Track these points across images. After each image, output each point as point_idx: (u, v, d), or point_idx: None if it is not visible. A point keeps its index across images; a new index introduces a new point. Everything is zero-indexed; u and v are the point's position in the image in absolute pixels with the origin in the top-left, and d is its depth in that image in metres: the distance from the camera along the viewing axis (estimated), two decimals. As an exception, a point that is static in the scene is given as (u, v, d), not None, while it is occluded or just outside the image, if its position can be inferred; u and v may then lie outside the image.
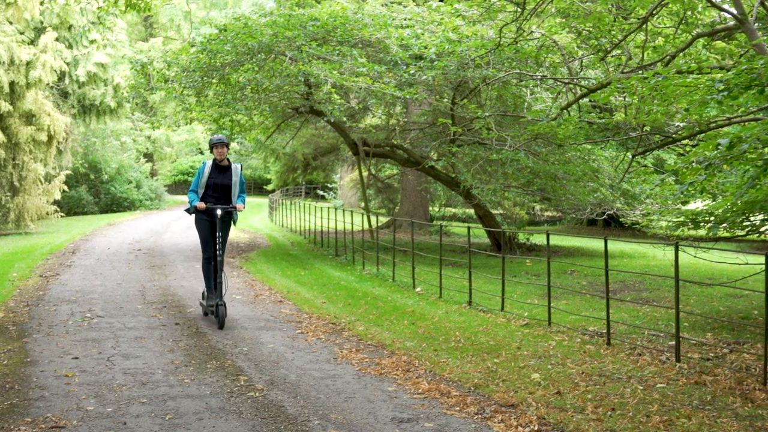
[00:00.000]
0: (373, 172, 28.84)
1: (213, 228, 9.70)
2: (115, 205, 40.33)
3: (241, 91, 18.38)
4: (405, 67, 16.26)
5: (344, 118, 18.70)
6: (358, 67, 15.65)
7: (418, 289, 12.78)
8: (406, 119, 23.51)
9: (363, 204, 24.05)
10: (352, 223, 18.63)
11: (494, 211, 23.60)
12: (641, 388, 6.54)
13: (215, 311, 9.37)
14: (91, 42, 30.69)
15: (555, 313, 9.92)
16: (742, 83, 8.26)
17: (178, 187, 60.82)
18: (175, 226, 28.55)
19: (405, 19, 17.41)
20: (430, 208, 31.97)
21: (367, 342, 8.67)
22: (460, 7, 16.03)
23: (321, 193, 48.49)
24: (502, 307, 10.64)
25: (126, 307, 10.74)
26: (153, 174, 50.02)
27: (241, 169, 9.90)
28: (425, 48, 15.99)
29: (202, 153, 63.41)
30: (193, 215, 9.82)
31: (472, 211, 25.93)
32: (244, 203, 9.85)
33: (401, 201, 29.90)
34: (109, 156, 41.00)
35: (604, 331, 8.61)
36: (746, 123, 12.52)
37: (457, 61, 15.36)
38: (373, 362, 7.62)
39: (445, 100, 18.17)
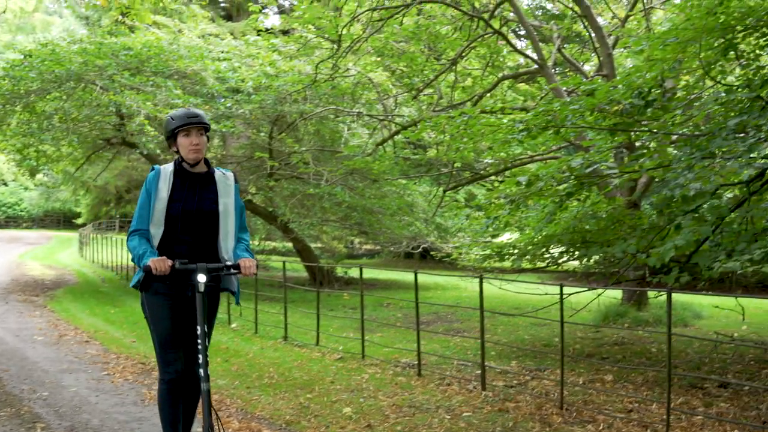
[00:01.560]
0: (191, 205, 28.22)
1: (184, 312, 4.72)
2: None
3: (48, 120, 17.52)
4: (222, 100, 16.13)
5: (158, 151, 18.24)
6: (173, 98, 15.35)
7: (233, 326, 12.56)
8: (224, 152, 23.22)
9: (179, 238, 23.46)
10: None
11: (313, 245, 23.69)
12: (449, 417, 6.73)
13: None
14: None
15: (369, 346, 10.04)
16: (539, 124, 8.79)
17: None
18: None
19: (222, 52, 17.31)
20: (250, 242, 31.63)
21: (178, 381, 8.39)
22: (277, 42, 16.13)
23: (136, 227, 46.85)
24: (317, 342, 10.66)
25: None
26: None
27: (236, 182, 4.94)
28: (242, 81, 15.94)
29: (5, 184, 59.59)
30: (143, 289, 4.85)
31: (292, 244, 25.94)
32: (251, 254, 4.87)
33: (220, 235, 29.40)
34: None
35: (416, 362, 8.81)
36: (547, 161, 13.37)
37: (275, 96, 15.42)
38: (183, 402, 7.37)
39: (263, 134, 18.14)
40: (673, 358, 9.49)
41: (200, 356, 4.38)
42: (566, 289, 7.59)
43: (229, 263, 4.63)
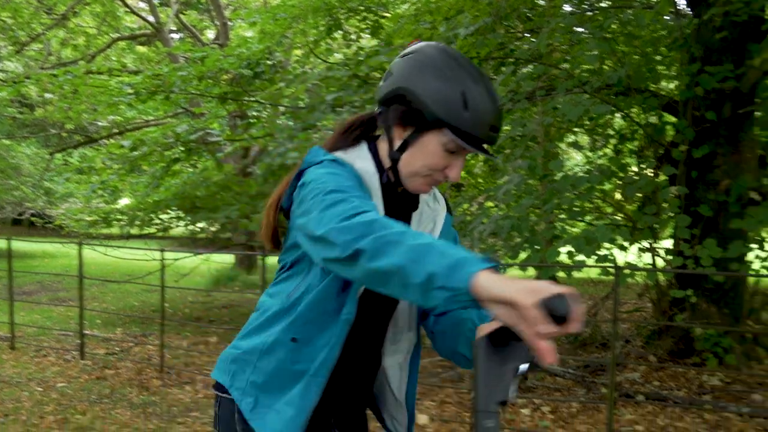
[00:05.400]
0: None
1: None
2: None
3: None
4: None
5: None
6: None
7: None
8: None
9: None
10: None
11: None
12: (40, 389, 6.42)
13: None
14: None
15: (-43, 319, 9.20)
16: (148, 88, 8.67)
17: None
18: None
19: None
20: None
21: None
22: None
23: None
24: None
25: None
26: None
27: (449, 212, 1.97)
28: None
29: None
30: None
31: None
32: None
33: None
34: None
35: (10, 335, 8.25)
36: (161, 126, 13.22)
37: None
38: None
39: None
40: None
41: None
42: (168, 254, 7.64)
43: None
